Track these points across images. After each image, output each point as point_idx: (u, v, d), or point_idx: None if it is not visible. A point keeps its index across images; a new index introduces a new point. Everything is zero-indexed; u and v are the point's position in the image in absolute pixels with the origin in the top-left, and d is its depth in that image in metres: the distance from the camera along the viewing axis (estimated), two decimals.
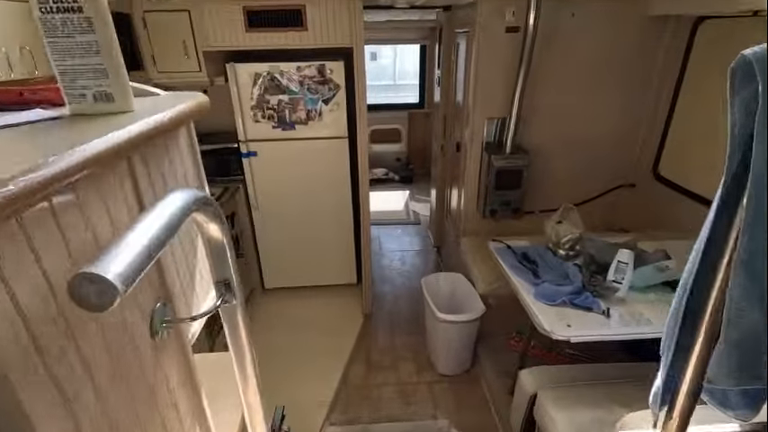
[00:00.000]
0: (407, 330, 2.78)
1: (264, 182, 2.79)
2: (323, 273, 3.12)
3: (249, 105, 2.57)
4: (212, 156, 2.80)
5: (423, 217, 4.51)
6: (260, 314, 2.96)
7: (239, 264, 2.72)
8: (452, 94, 2.90)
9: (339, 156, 2.74)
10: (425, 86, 5.45)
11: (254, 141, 2.67)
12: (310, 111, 2.60)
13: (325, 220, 2.92)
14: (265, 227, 2.92)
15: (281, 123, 2.63)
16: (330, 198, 2.85)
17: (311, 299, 3.11)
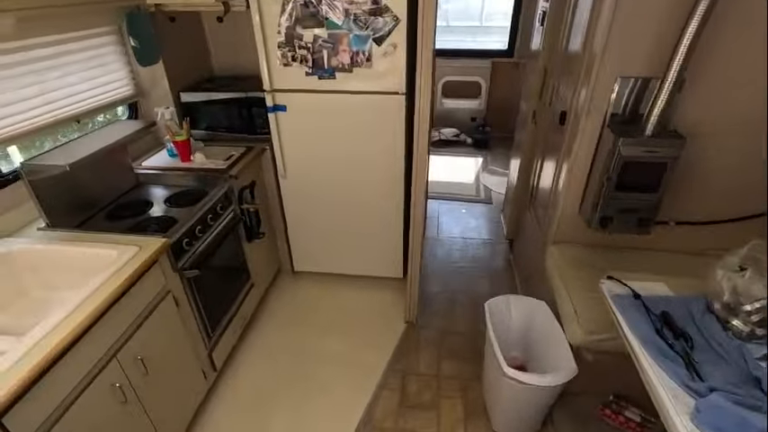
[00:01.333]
0: (460, 353, 2.15)
1: (295, 144, 2.17)
2: (362, 260, 2.53)
3: (276, 42, 1.90)
4: (235, 106, 2.22)
5: (496, 195, 3.70)
6: (283, 303, 2.48)
7: (259, 244, 2.23)
8: (563, 36, 1.99)
9: (393, 117, 2.02)
10: (519, 27, 4.37)
11: (283, 92, 2.03)
12: (356, 53, 1.88)
13: (370, 196, 2.27)
14: (295, 199, 2.36)
15: (317, 69, 1.95)
16: (377, 169, 2.18)
17: (345, 291, 2.56)
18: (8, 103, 1.48)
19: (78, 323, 1.12)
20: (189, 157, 2.05)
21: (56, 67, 1.65)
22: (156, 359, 1.47)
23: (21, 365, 1.00)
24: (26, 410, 1.00)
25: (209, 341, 1.86)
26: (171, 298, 1.55)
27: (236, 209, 2.03)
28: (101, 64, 1.87)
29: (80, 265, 1.44)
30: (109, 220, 1.70)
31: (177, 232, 1.58)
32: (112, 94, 1.96)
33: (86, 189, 1.71)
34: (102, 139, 1.68)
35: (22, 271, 1.45)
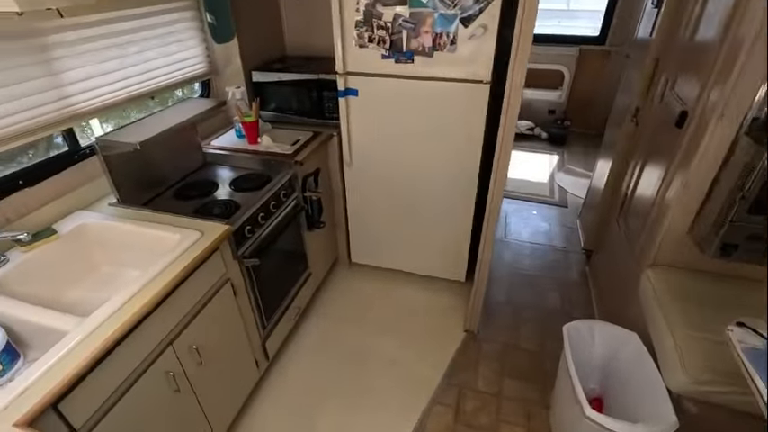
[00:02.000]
0: (524, 372, 1.95)
1: (364, 131, 2.05)
2: (423, 259, 2.38)
3: (353, 21, 1.76)
4: (305, 88, 2.13)
5: (572, 197, 3.37)
6: (338, 296, 2.41)
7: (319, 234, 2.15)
8: (689, 22, 1.67)
9: (473, 107, 1.82)
10: (614, 12, 3.91)
11: (356, 75, 1.90)
12: (440, 35, 1.70)
13: (439, 192, 2.11)
14: (358, 189, 2.24)
15: (395, 52, 1.79)
16: (450, 163, 2.00)
17: (402, 289, 2.43)
18: (90, 77, 1.48)
19: (137, 310, 1.09)
20: (256, 140, 2.00)
21: (135, 42, 1.63)
22: (211, 348, 1.44)
23: (80, 350, 0.98)
24: (82, 397, 0.98)
25: (263, 330, 1.82)
26: (229, 286, 1.50)
27: (300, 196, 1.96)
28: (178, 40, 1.85)
29: (145, 245, 1.42)
30: (176, 198, 1.69)
31: (240, 219, 1.52)
32: (187, 71, 1.93)
33: (156, 167, 1.70)
34: (174, 116, 1.65)
35: (93, 245, 1.46)
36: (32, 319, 1.10)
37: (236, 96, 2.01)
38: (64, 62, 1.39)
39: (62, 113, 1.41)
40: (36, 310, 1.11)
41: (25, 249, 1.28)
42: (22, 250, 1.28)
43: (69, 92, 1.42)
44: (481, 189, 2.06)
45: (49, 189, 1.43)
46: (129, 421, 1.13)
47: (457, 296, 2.38)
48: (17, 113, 1.27)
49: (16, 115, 1.27)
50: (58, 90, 1.38)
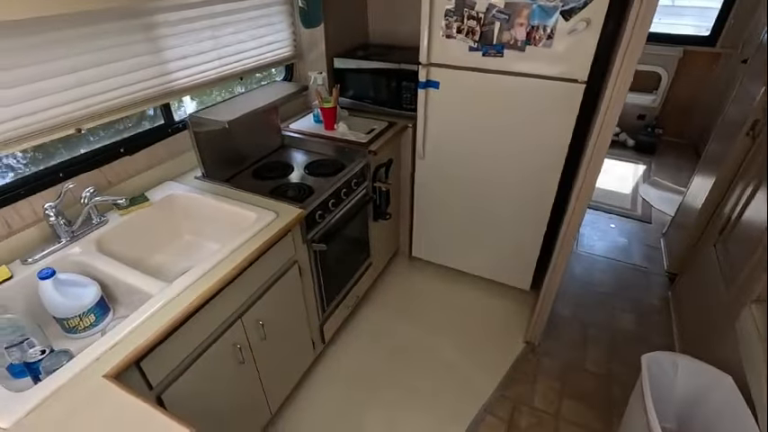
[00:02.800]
0: (587, 396, 1.82)
1: (440, 124, 1.99)
2: (487, 262, 2.29)
3: (443, 10, 1.70)
4: (385, 77, 2.11)
5: (657, 213, 3.07)
6: (396, 289, 2.39)
7: (383, 225, 2.14)
8: None
9: (563, 108, 1.70)
10: (731, 11, 3.47)
11: (439, 67, 1.84)
12: (536, 28, 1.58)
13: (513, 194, 2.00)
14: (428, 183, 2.20)
15: (484, 44, 1.70)
16: (529, 165, 1.89)
17: (462, 290, 2.37)
18: (187, 55, 1.55)
19: (215, 283, 1.13)
20: (333, 126, 2.01)
21: (230, 23, 1.69)
22: (274, 324, 1.48)
23: (162, 314, 1.04)
24: (161, 357, 1.04)
25: (322, 313, 1.85)
26: (297, 268, 1.54)
27: (370, 186, 1.95)
28: (269, 23, 1.90)
29: (225, 220, 1.48)
30: (254, 178, 1.75)
31: (312, 203, 1.54)
32: (275, 54, 1.99)
33: (239, 146, 1.77)
34: (259, 98, 1.70)
35: (179, 215, 1.56)
36: (124, 278, 1.18)
37: (317, 82, 2.04)
38: (167, 41, 1.47)
39: (162, 89, 1.50)
40: (127, 271, 1.19)
41: (122, 213, 1.39)
42: (119, 213, 1.39)
43: (169, 69, 1.50)
44: (559, 195, 1.93)
45: (145, 158, 1.54)
46: (197, 386, 1.19)
47: (519, 304, 2.27)
48: (125, 86, 1.37)
49: (123, 88, 1.37)
50: (160, 67, 1.47)
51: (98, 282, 1.20)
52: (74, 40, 1.20)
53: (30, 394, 0.85)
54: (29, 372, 1.02)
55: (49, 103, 1.19)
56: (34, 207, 1.24)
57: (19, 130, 1.15)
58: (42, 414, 0.82)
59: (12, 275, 1.14)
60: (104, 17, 1.25)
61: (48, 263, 1.20)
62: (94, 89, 1.29)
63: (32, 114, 1.16)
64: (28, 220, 1.24)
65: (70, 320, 1.15)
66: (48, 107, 1.19)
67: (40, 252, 1.21)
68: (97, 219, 1.34)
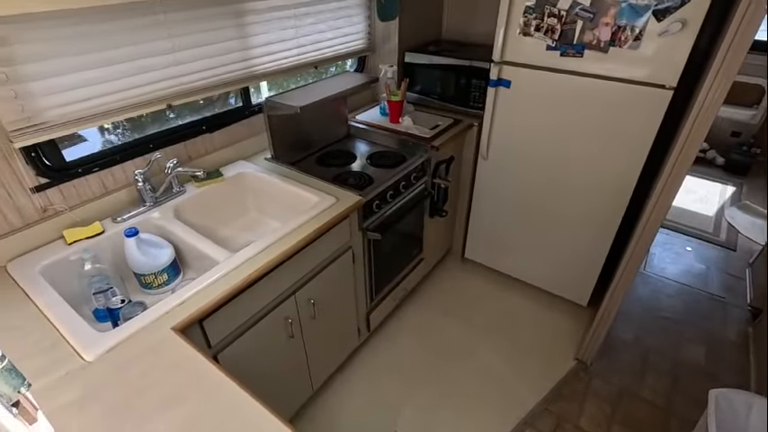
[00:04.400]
0: (641, 426, 1.69)
1: (508, 125, 1.94)
2: (543, 271, 2.21)
3: (522, 7, 1.65)
4: (455, 74, 2.09)
5: (744, 240, 2.77)
6: (445, 287, 2.37)
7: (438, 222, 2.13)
8: None
9: (646, 115, 1.59)
10: None
11: (512, 65, 1.79)
12: (622, 28, 1.49)
13: (578, 203, 1.91)
14: (488, 184, 2.15)
15: (563, 44, 1.63)
16: (601, 173, 1.79)
17: (513, 297, 2.29)
18: (270, 42, 1.64)
19: (274, 257, 1.20)
20: (398, 119, 2.03)
21: (311, 14, 1.77)
22: (324, 305, 1.53)
23: (226, 280, 1.11)
24: (221, 320, 1.12)
25: (370, 302, 1.88)
26: (350, 253, 1.58)
27: (429, 181, 1.95)
28: (347, 15, 1.95)
29: (288, 200, 1.56)
30: (318, 164, 1.81)
31: (371, 193, 1.57)
32: (350, 45, 2.04)
33: (307, 131, 1.84)
34: (330, 87, 1.75)
35: (247, 192, 1.66)
36: (195, 244, 1.28)
37: (387, 75, 2.06)
38: (252, 28, 1.56)
39: (244, 73, 1.60)
40: (198, 238, 1.29)
41: (198, 185, 1.50)
42: (196, 185, 1.51)
43: (252, 54, 1.60)
44: (631, 209, 1.80)
45: (223, 137, 1.65)
46: (249, 352, 1.26)
47: (574, 319, 2.16)
48: (213, 68, 1.48)
49: (211, 70, 1.48)
50: (244, 52, 1.57)
51: (172, 245, 1.32)
52: (176, 23, 1.32)
53: (110, 336, 0.95)
54: (110, 317, 1.15)
55: (148, 79, 1.32)
56: (126, 172, 1.39)
57: (120, 102, 1.28)
58: (118, 353, 0.92)
59: (103, 231, 1.28)
60: (203, 3, 1.36)
61: (133, 223, 1.33)
62: (187, 69, 1.40)
63: (133, 89, 1.29)
64: (120, 183, 1.38)
65: (147, 277, 1.27)
66: (146, 83, 1.32)
67: (128, 213, 1.35)
68: (177, 188, 1.46)
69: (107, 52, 1.20)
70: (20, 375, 0.36)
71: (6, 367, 0.35)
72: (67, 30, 1.11)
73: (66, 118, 1.18)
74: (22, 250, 1.19)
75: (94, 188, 1.33)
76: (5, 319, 1.00)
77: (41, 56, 1.09)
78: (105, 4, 1.08)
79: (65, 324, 0.98)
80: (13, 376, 0.36)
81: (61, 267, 1.18)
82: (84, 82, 1.19)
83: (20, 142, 1.11)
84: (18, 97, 1.08)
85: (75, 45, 1.14)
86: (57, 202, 1.25)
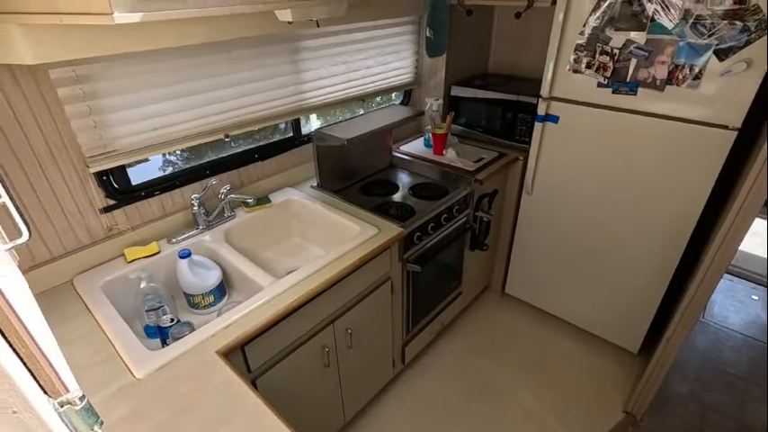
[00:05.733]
0: None
1: (555, 161, 1.90)
2: (589, 312, 2.10)
3: (574, 44, 1.64)
4: (501, 108, 2.09)
5: None
6: (483, 324, 2.30)
7: (478, 256, 2.09)
8: None
9: (706, 156, 1.51)
10: None
11: (561, 101, 1.77)
12: (680, 67, 1.44)
13: (629, 243, 1.82)
14: (532, 218, 2.10)
15: (615, 81, 1.60)
16: (654, 215, 1.71)
17: (555, 338, 2.19)
18: (321, 77, 1.72)
19: (317, 285, 1.22)
20: (442, 151, 2.05)
21: (362, 50, 1.84)
22: (361, 335, 1.53)
23: (269, 306, 1.14)
24: (261, 346, 1.14)
25: (406, 334, 1.86)
26: (389, 284, 1.57)
27: (471, 215, 1.93)
28: (395, 51, 2.02)
29: (331, 228, 1.59)
30: (361, 192, 1.85)
31: (413, 224, 1.58)
32: (397, 79, 2.10)
33: (353, 161, 1.89)
34: (377, 119, 1.80)
35: (292, 218, 1.71)
36: (241, 268, 1.33)
37: (432, 107, 2.10)
38: (306, 63, 1.65)
39: (296, 105, 1.68)
40: (244, 262, 1.34)
41: (248, 211, 1.57)
42: (246, 211, 1.57)
43: (304, 88, 1.68)
44: (689, 250, 1.70)
45: (273, 165, 1.73)
46: (286, 380, 1.28)
47: (622, 367, 2.02)
48: (268, 101, 1.57)
49: (266, 103, 1.57)
50: (297, 86, 1.66)
51: (220, 267, 1.37)
52: (241, 60, 1.42)
53: (159, 355, 1.00)
54: (159, 334, 1.20)
55: (211, 111, 1.41)
56: (184, 196, 1.47)
57: (185, 131, 1.38)
58: (166, 372, 0.96)
59: (159, 251, 1.35)
60: (263, 41, 1.46)
61: (186, 245, 1.40)
62: (246, 101, 1.50)
63: (198, 119, 1.39)
64: (178, 206, 1.47)
65: (195, 297, 1.33)
66: (210, 114, 1.42)
67: (182, 235, 1.43)
68: (228, 213, 1.53)
69: (179, 86, 1.31)
70: (95, 414, 0.39)
71: (85, 407, 0.38)
72: (146, 66, 1.22)
73: (137, 145, 1.29)
74: (88, 266, 1.28)
75: (155, 210, 1.42)
76: (69, 331, 1.08)
77: (121, 90, 1.20)
78: (187, 44, 1.18)
79: (120, 339, 1.04)
80: (90, 415, 0.39)
81: (120, 284, 1.26)
82: (156, 113, 1.29)
83: (95, 167, 1.22)
84: (97, 127, 1.19)
85: (151, 80, 1.25)
86: (121, 222, 1.35)
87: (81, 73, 1.12)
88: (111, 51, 1.06)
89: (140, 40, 1.10)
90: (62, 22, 0.83)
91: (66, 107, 1.13)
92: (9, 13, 0.86)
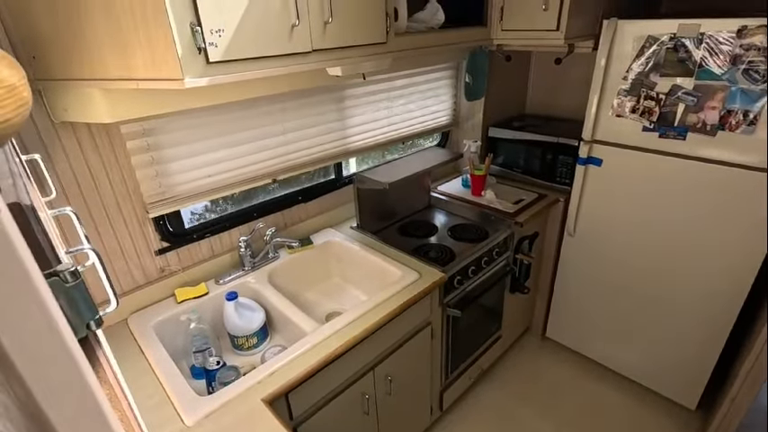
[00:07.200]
0: None
1: (598, 204, 1.86)
2: (642, 363, 1.98)
3: (617, 89, 1.63)
4: (540, 149, 2.08)
5: None
6: (523, 369, 2.21)
7: (519, 299, 2.04)
8: None
9: (761, 203, 1.44)
10: None
11: (604, 144, 1.75)
12: (733, 113, 1.40)
13: (681, 292, 1.73)
14: (574, 261, 2.04)
15: (662, 125, 1.57)
16: (707, 264, 1.63)
17: (602, 389, 2.06)
18: (364, 123, 1.79)
19: (361, 331, 1.22)
20: (480, 192, 2.05)
21: (403, 95, 1.90)
22: (400, 382, 1.50)
23: (314, 353, 1.15)
24: (304, 393, 1.14)
25: (444, 380, 1.81)
26: (429, 329, 1.55)
27: (511, 257, 1.90)
28: (435, 95, 2.07)
29: (371, 271, 1.60)
30: (400, 233, 1.86)
31: (453, 268, 1.56)
32: (436, 122, 2.14)
33: (392, 203, 1.92)
34: (416, 162, 1.84)
35: (332, 258, 1.74)
36: (284, 311, 1.35)
37: (471, 149, 2.12)
38: (350, 110, 1.72)
39: (339, 150, 1.74)
40: (288, 305, 1.36)
41: (291, 252, 1.61)
42: (289, 252, 1.61)
43: (348, 133, 1.74)
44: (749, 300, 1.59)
45: (315, 206, 1.77)
46: (326, 427, 1.26)
47: (679, 425, 1.87)
48: (314, 147, 1.63)
49: (312, 148, 1.63)
50: (341, 132, 1.72)
51: (264, 309, 1.40)
52: (289, 110, 1.50)
53: (207, 401, 1.02)
54: (206, 376, 1.22)
55: (261, 158, 1.49)
56: (232, 238, 1.53)
57: (236, 177, 1.45)
58: (214, 420, 0.97)
59: (208, 292, 1.40)
60: (312, 92, 1.54)
61: (232, 286, 1.44)
62: (293, 147, 1.57)
63: (248, 166, 1.46)
64: (225, 248, 1.53)
65: (239, 339, 1.35)
66: (260, 161, 1.49)
67: (228, 276, 1.47)
68: (272, 254, 1.58)
69: (233, 135, 1.39)
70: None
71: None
72: (205, 119, 1.31)
73: (192, 192, 1.36)
74: (141, 305, 1.34)
75: (204, 251, 1.48)
76: (125, 371, 1.12)
77: (181, 141, 1.29)
78: (243, 98, 1.26)
79: (170, 383, 1.07)
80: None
81: (170, 324, 1.31)
82: (212, 161, 1.37)
83: (154, 213, 1.29)
84: (158, 175, 1.28)
85: (208, 131, 1.33)
86: (173, 263, 1.41)
87: (147, 127, 1.21)
88: (177, 108, 1.14)
89: (204, 97, 1.18)
90: (138, 87, 0.91)
91: (133, 158, 1.21)
92: (93, 80, 0.95)
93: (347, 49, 1.17)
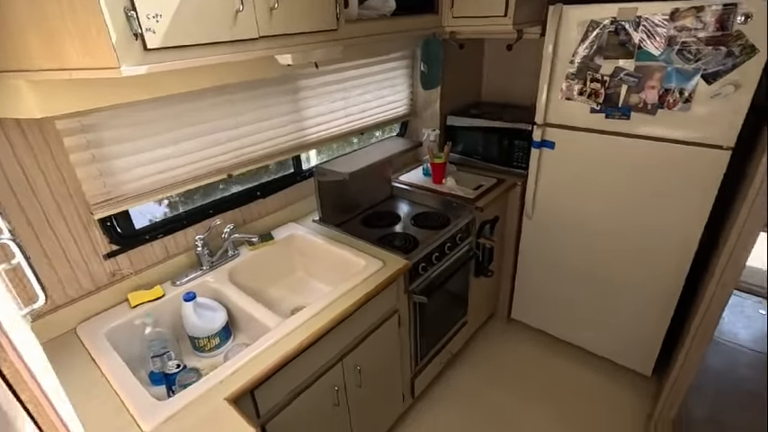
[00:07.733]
0: None
1: (553, 185, 1.92)
2: (597, 334, 2.07)
3: (565, 72, 1.69)
4: (497, 135, 2.13)
5: None
6: (490, 351, 2.26)
7: (483, 282, 2.08)
8: None
9: (701, 176, 1.53)
10: None
11: (555, 127, 1.81)
12: (669, 91, 1.48)
13: (632, 266, 1.82)
14: (534, 243, 2.10)
15: (608, 107, 1.64)
16: (654, 236, 1.72)
17: (564, 363, 2.15)
18: (320, 114, 1.76)
19: (325, 324, 1.20)
20: (441, 180, 2.07)
21: (359, 86, 1.89)
22: (370, 372, 1.50)
23: (277, 348, 1.12)
24: (270, 389, 1.12)
25: (414, 366, 1.82)
26: (396, 317, 1.56)
27: (474, 242, 1.93)
28: (391, 85, 2.07)
29: (334, 262, 1.58)
30: (363, 224, 1.85)
31: (417, 255, 1.57)
32: (393, 112, 2.14)
33: (353, 194, 1.90)
34: (376, 152, 1.83)
35: (295, 253, 1.71)
36: (246, 308, 1.32)
37: (430, 138, 2.13)
38: (305, 102, 1.69)
39: (297, 142, 1.71)
40: (250, 302, 1.33)
41: (251, 249, 1.57)
42: (249, 249, 1.57)
43: (305, 125, 1.71)
44: (696, 268, 1.69)
45: (276, 202, 1.74)
46: (295, 422, 1.24)
47: (636, 391, 1.98)
48: (269, 140, 1.59)
49: (268, 141, 1.59)
50: (297, 124, 1.68)
51: (225, 308, 1.36)
52: (240, 101, 1.45)
53: (166, 405, 0.97)
54: (165, 381, 1.17)
55: (213, 153, 1.43)
56: (187, 238, 1.47)
57: (188, 174, 1.39)
58: (175, 424, 0.93)
59: (164, 294, 1.34)
60: (265, 83, 1.50)
61: (190, 286, 1.39)
62: (247, 141, 1.52)
63: (200, 161, 1.41)
64: (181, 248, 1.47)
65: (200, 340, 1.30)
66: (211, 156, 1.43)
67: (186, 276, 1.42)
68: (232, 252, 1.53)
69: (181, 130, 1.33)
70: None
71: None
72: (149, 113, 1.25)
73: (140, 190, 1.30)
74: (91, 313, 1.27)
75: (158, 253, 1.42)
76: (73, 381, 1.05)
77: (124, 137, 1.22)
78: (189, 90, 1.21)
79: (125, 390, 1.02)
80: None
81: (124, 330, 1.24)
82: (160, 157, 1.31)
83: (99, 214, 1.22)
84: (102, 174, 1.20)
85: (154, 125, 1.27)
86: (124, 267, 1.34)
87: (86, 122, 1.14)
88: (117, 101, 1.08)
89: (145, 88, 1.12)
90: (71, 77, 0.85)
91: (72, 156, 1.14)
92: (18, 71, 0.88)
93: (296, 36, 1.15)
